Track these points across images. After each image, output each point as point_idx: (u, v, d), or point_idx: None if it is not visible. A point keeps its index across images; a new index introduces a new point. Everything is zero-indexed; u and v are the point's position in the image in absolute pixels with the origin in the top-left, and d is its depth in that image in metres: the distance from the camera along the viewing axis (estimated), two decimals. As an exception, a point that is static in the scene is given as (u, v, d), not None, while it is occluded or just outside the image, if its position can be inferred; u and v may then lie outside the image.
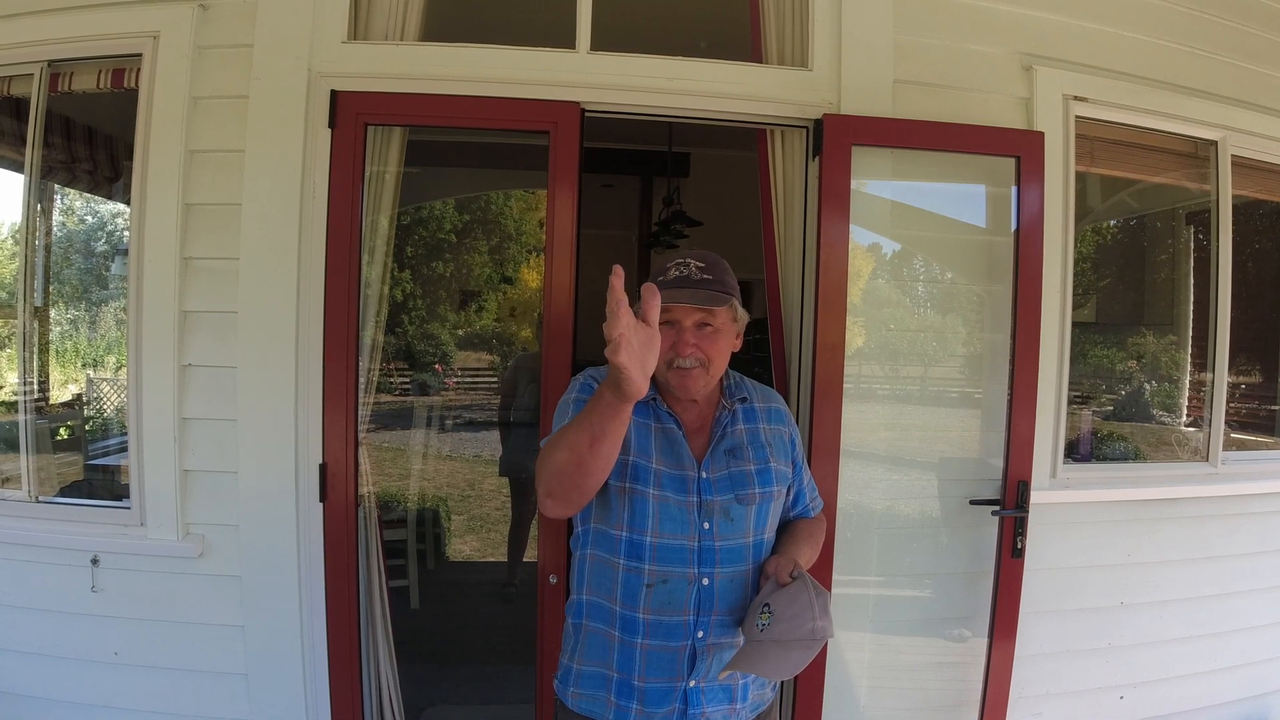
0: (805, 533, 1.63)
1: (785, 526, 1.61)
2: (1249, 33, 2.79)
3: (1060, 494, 2.56)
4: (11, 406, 3.63)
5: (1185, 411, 3.31)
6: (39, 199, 2.60)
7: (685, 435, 1.51)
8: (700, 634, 1.44)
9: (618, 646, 1.45)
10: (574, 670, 1.52)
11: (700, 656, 1.44)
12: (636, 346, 1.09)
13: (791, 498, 1.63)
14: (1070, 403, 2.62)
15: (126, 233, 2.40)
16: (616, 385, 1.11)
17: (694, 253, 1.52)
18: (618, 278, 1.04)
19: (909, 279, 2.75)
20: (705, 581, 1.44)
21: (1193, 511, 2.73)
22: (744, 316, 1.54)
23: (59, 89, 2.39)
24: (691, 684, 1.44)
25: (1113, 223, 4.55)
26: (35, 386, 2.98)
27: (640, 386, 1.11)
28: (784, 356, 2.50)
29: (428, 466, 6.84)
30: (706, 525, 1.45)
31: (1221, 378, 2.82)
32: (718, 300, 1.45)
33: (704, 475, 1.48)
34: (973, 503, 2.49)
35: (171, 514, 2.26)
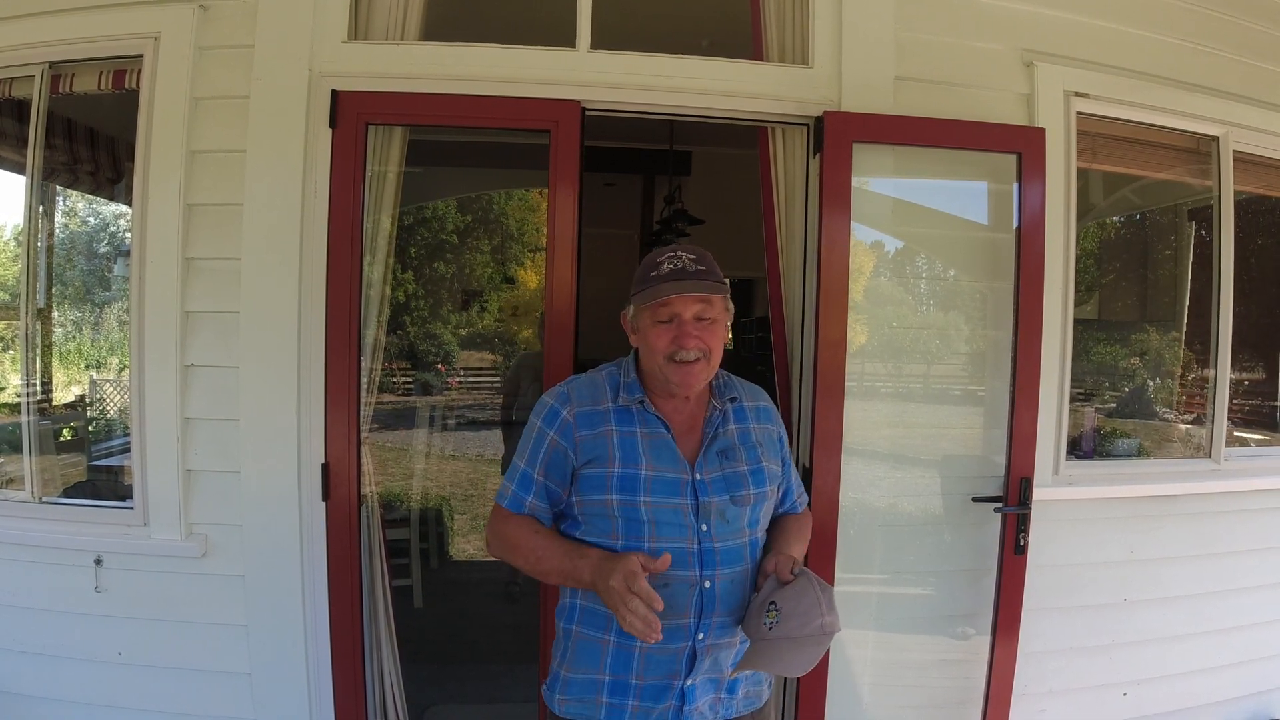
0: (795, 528, 1.62)
1: (774, 522, 1.61)
2: (1251, 28, 2.78)
3: (1063, 491, 2.55)
4: (15, 408, 3.63)
5: (1187, 408, 3.30)
6: (41, 201, 2.61)
7: (675, 437, 1.49)
8: (700, 636, 1.43)
9: (612, 650, 1.44)
10: (561, 677, 1.51)
11: (700, 657, 1.44)
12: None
13: (780, 494, 1.63)
14: (1073, 400, 2.62)
15: (129, 234, 2.40)
16: (594, 585, 1.35)
17: (681, 246, 1.50)
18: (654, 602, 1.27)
19: (911, 276, 2.74)
20: (707, 584, 1.42)
21: (1196, 508, 2.72)
22: (731, 308, 1.54)
23: (60, 90, 2.39)
24: (689, 682, 1.44)
25: (1115, 219, 4.53)
26: (38, 388, 2.98)
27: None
28: (786, 354, 2.49)
29: (430, 466, 6.85)
30: (704, 527, 1.44)
31: (1224, 374, 2.81)
32: (716, 289, 1.45)
33: (698, 477, 1.46)
34: (975, 500, 2.48)
35: (174, 514, 2.26)
